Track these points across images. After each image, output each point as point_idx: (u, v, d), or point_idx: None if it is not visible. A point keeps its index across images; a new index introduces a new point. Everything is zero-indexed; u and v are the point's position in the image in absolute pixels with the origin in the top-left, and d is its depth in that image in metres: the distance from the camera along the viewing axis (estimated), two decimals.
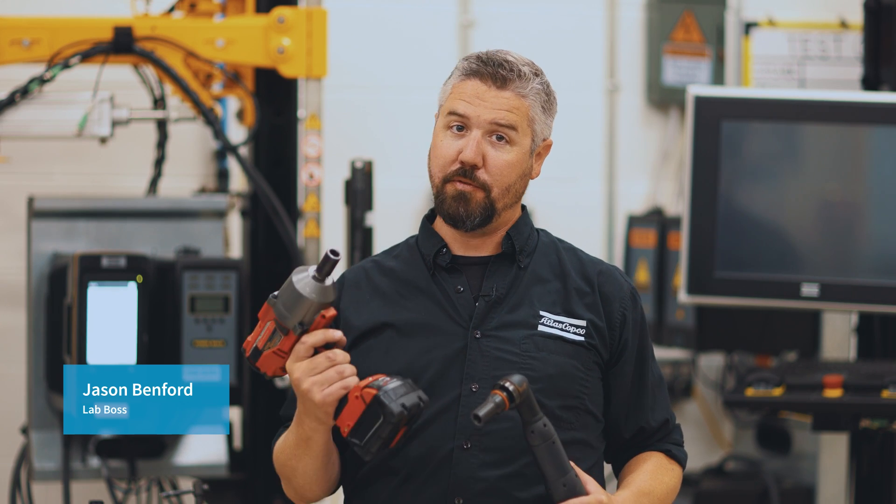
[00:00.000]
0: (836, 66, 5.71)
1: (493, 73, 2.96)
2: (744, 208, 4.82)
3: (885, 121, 4.76)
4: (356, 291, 3.06)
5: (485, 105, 2.96)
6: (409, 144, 5.83)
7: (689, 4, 5.97)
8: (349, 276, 3.10)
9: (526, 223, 3.07)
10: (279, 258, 4.66)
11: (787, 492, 5.66)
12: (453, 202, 2.97)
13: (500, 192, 2.97)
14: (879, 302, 4.77)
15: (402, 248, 3.13)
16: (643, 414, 3.06)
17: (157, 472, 4.58)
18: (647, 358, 3.07)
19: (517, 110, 2.96)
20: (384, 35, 5.82)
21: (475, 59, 3.00)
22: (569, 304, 3.00)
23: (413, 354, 2.96)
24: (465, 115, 2.96)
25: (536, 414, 2.85)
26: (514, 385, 2.82)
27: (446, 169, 2.97)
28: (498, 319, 2.98)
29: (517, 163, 2.98)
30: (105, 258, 4.31)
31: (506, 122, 2.95)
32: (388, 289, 3.04)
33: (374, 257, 3.15)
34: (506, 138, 2.96)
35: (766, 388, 4.64)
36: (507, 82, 2.96)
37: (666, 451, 3.09)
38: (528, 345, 2.96)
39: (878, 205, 4.80)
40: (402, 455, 2.94)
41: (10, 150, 4.60)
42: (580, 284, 3.02)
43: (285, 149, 4.76)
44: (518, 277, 3.02)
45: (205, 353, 4.41)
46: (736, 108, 4.84)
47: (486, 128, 2.96)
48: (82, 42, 4.52)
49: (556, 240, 3.11)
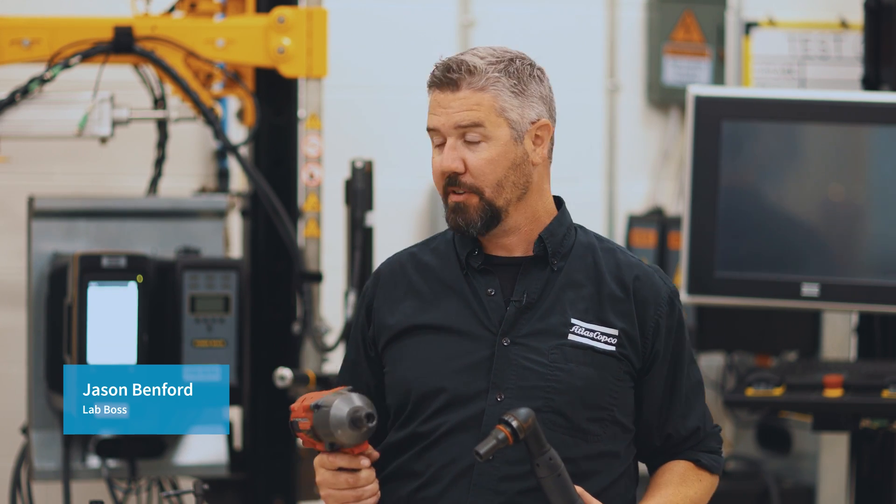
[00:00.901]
0: (836, 66, 5.70)
1: (443, 78, 2.92)
2: (744, 208, 4.82)
3: (886, 121, 4.75)
4: (392, 289, 3.03)
5: (446, 112, 2.92)
6: (410, 144, 5.83)
7: (689, 4, 5.97)
8: (385, 272, 3.07)
9: (562, 223, 3.00)
10: (279, 258, 4.67)
11: (788, 492, 5.66)
12: (452, 215, 2.94)
13: (494, 191, 2.92)
14: (880, 302, 4.76)
15: (441, 242, 3.06)
16: (672, 422, 2.99)
17: (158, 472, 4.58)
18: (683, 364, 2.99)
19: (478, 106, 2.90)
20: (384, 35, 5.82)
21: (433, 68, 2.95)
22: (602, 312, 2.94)
23: (441, 359, 2.94)
24: (434, 128, 2.94)
25: (543, 447, 2.80)
26: (518, 421, 2.78)
27: (440, 184, 2.95)
28: (528, 326, 2.93)
29: (498, 157, 2.91)
30: (105, 258, 4.31)
31: (467, 121, 2.90)
32: (422, 287, 3.00)
33: (411, 248, 3.09)
34: (478, 137, 2.91)
35: (767, 387, 4.64)
36: (458, 83, 2.91)
37: (695, 461, 3.01)
38: (556, 355, 2.91)
39: (878, 205, 4.80)
40: (425, 460, 2.93)
41: (11, 149, 4.60)
42: (615, 290, 2.95)
43: (285, 149, 4.75)
44: (551, 281, 2.95)
45: (205, 353, 4.41)
46: (736, 108, 4.84)
47: (454, 133, 2.92)
48: (82, 42, 4.52)
49: (594, 239, 3.03)
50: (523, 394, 2.90)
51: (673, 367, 2.98)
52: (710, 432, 3.04)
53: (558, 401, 2.89)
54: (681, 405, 2.99)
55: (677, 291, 3.02)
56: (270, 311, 4.70)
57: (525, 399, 2.89)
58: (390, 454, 2.99)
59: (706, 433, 3.03)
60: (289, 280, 4.66)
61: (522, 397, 2.90)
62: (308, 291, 4.61)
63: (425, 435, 2.94)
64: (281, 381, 4.48)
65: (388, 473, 2.98)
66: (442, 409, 2.92)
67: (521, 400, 2.89)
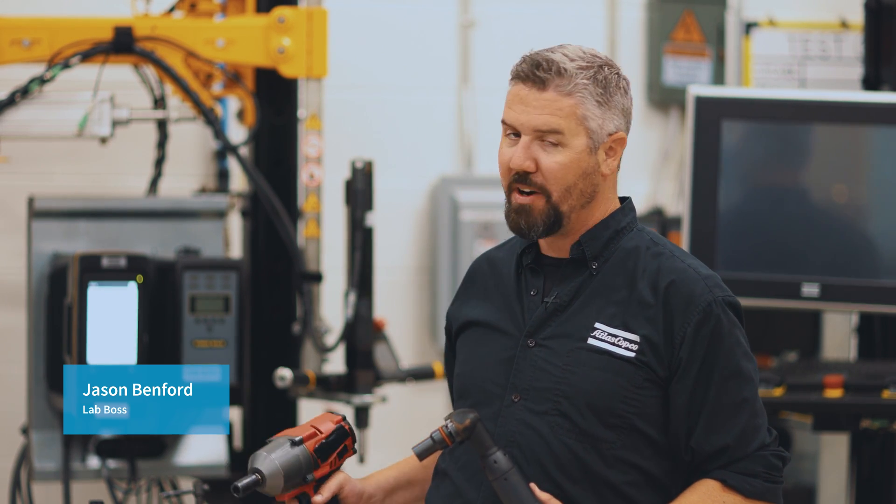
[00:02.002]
0: (836, 66, 5.70)
1: (531, 74, 2.86)
2: (744, 208, 4.82)
3: (886, 121, 4.75)
4: (470, 285, 3.08)
5: (527, 111, 2.87)
6: (410, 144, 5.83)
7: (689, 4, 5.96)
8: (473, 267, 3.11)
9: (608, 226, 2.95)
10: (279, 258, 4.66)
11: (788, 492, 5.60)
12: (515, 216, 2.90)
13: (561, 195, 2.88)
14: (880, 302, 4.76)
15: (516, 239, 3.04)
16: (696, 436, 2.86)
17: (158, 472, 4.58)
18: (714, 377, 2.86)
19: (560, 111, 2.85)
20: (384, 35, 5.82)
21: (521, 61, 2.90)
22: (629, 317, 2.87)
23: (480, 356, 2.96)
24: (511, 124, 2.89)
25: (488, 449, 2.81)
26: (454, 423, 2.81)
27: (507, 177, 2.91)
28: (553, 328, 2.91)
29: (572, 164, 2.87)
30: (105, 258, 4.31)
31: (547, 128, 2.86)
32: (487, 283, 3.03)
33: (501, 244, 3.10)
34: (555, 142, 2.87)
35: (767, 388, 4.64)
36: (545, 83, 2.86)
37: (722, 480, 2.86)
38: (572, 358, 2.88)
39: (878, 205, 4.79)
40: (451, 457, 2.95)
41: (11, 150, 4.60)
42: (646, 295, 2.88)
43: (285, 149, 4.75)
44: (585, 284, 2.92)
45: (205, 354, 4.41)
46: (736, 108, 4.84)
47: (531, 134, 2.87)
48: (82, 42, 4.52)
49: (648, 242, 2.96)
50: (537, 395, 2.89)
51: (701, 378, 2.86)
52: (750, 455, 2.89)
53: (565, 405, 2.87)
54: (707, 420, 2.86)
55: (728, 301, 2.92)
56: (270, 312, 4.70)
57: (538, 401, 2.89)
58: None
59: (741, 455, 2.88)
60: (289, 280, 4.66)
61: (536, 399, 2.89)
62: (308, 292, 4.60)
63: None
64: (281, 382, 4.48)
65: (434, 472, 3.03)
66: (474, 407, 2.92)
67: (535, 402, 2.89)
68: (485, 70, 5.87)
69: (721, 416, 2.86)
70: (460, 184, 5.75)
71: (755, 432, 2.90)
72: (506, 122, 2.90)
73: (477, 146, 5.88)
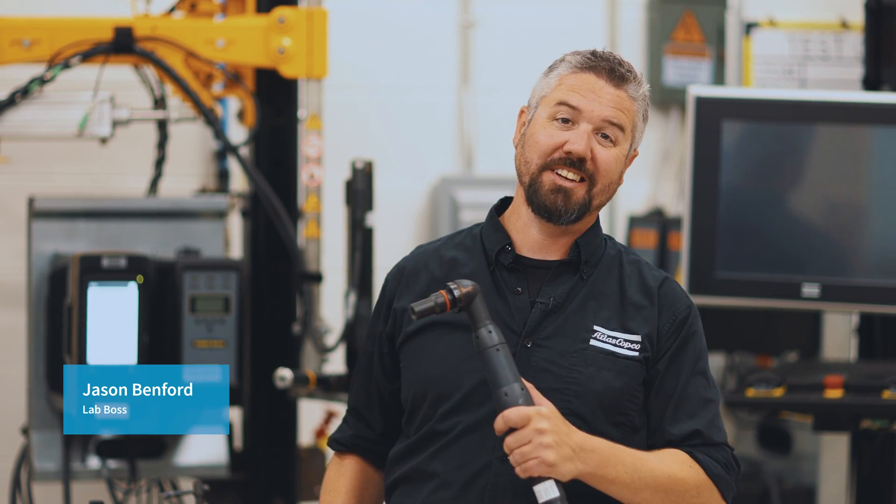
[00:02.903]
0: (836, 66, 5.70)
1: (611, 68, 2.92)
2: (744, 209, 4.82)
3: (886, 121, 4.75)
4: (414, 283, 3.01)
5: (599, 100, 2.91)
6: (410, 144, 5.83)
7: (689, 4, 5.96)
8: (408, 265, 3.05)
9: (597, 233, 3.01)
10: (279, 258, 4.66)
11: (788, 492, 5.66)
12: (551, 194, 2.91)
13: (602, 188, 2.93)
14: (880, 302, 4.76)
15: (466, 237, 3.04)
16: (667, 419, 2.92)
17: (158, 473, 4.58)
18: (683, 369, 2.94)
19: (627, 112, 2.93)
20: (384, 35, 5.82)
21: (588, 55, 2.94)
22: (625, 320, 2.93)
23: (461, 357, 2.91)
24: (577, 108, 2.90)
25: (479, 322, 2.80)
26: (459, 289, 2.80)
27: (547, 157, 2.91)
28: (550, 329, 2.91)
29: (617, 162, 2.94)
30: (105, 258, 4.30)
31: (617, 121, 2.91)
32: (443, 281, 2.94)
33: (435, 243, 3.08)
34: (611, 138, 2.92)
35: (767, 388, 4.64)
36: (624, 81, 2.93)
37: (690, 453, 2.91)
38: (576, 358, 2.90)
39: (878, 205, 4.79)
40: (440, 460, 2.92)
41: (11, 150, 4.60)
42: (638, 299, 2.95)
43: (286, 149, 4.75)
44: (576, 288, 2.95)
45: (205, 354, 4.41)
46: (737, 108, 4.84)
47: (596, 123, 2.91)
48: (82, 42, 4.51)
49: (622, 251, 3.04)
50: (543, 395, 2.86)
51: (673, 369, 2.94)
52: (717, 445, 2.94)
53: (576, 404, 2.88)
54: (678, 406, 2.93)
55: (697, 312, 3.01)
56: (271, 312, 4.70)
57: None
58: (405, 455, 2.98)
59: (710, 442, 2.93)
60: (289, 280, 4.66)
61: None
62: (308, 292, 4.60)
63: (442, 433, 2.92)
64: (281, 382, 4.48)
65: (402, 476, 2.97)
66: (459, 408, 2.91)
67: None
68: (485, 70, 5.87)
69: (692, 405, 2.93)
70: (460, 184, 5.75)
71: (719, 431, 2.96)
72: (570, 104, 2.91)
73: (477, 146, 5.88)
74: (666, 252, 5.66)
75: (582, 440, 2.79)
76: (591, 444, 2.80)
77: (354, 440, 3.09)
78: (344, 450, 3.10)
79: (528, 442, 2.74)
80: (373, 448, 3.08)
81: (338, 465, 3.10)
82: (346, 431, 3.10)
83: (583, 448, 2.79)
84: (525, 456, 2.74)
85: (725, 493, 2.92)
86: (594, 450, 2.80)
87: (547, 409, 2.77)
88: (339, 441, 3.10)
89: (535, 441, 2.74)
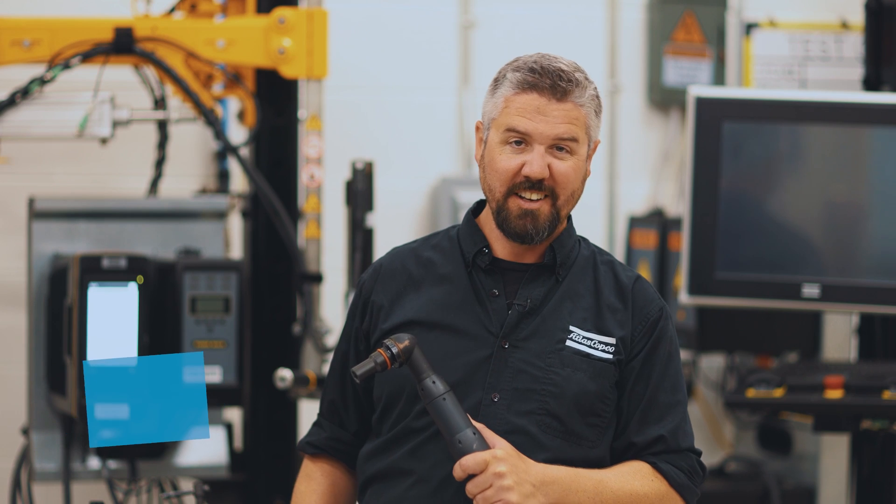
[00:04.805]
0: (837, 66, 5.70)
1: (553, 85, 2.92)
2: (745, 209, 4.82)
3: (886, 121, 4.75)
4: (391, 282, 3.05)
5: (546, 120, 2.92)
6: (410, 145, 5.83)
7: (689, 5, 5.97)
8: (385, 265, 3.09)
9: (570, 235, 3.04)
10: (280, 259, 4.66)
11: (788, 493, 5.66)
12: (519, 220, 2.94)
13: (566, 199, 2.95)
14: (880, 303, 4.76)
15: (443, 238, 3.08)
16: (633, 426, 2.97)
17: (158, 473, 4.58)
18: (653, 373, 2.98)
19: (577, 121, 2.94)
20: (385, 35, 5.82)
21: (528, 71, 2.93)
22: (600, 322, 2.97)
23: (438, 356, 2.94)
24: (526, 132, 2.93)
25: (422, 373, 2.86)
26: (397, 345, 2.85)
27: (509, 182, 2.94)
28: (528, 331, 2.95)
29: (577, 170, 2.95)
30: (106, 259, 4.30)
31: (568, 135, 2.93)
32: (422, 282, 3.02)
33: (411, 244, 3.11)
34: (566, 149, 2.93)
35: (767, 388, 4.64)
36: (566, 94, 2.93)
37: (652, 464, 2.97)
38: (553, 359, 2.93)
39: (878, 205, 4.79)
40: (417, 457, 2.94)
41: (11, 150, 4.60)
42: (613, 301, 2.99)
43: (286, 149, 4.75)
44: (552, 290, 2.99)
45: (205, 354, 4.41)
46: (737, 108, 4.84)
47: (548, 143, 2.93)
48: (83, 42, 4.52)
49: (595, 251, 3.07)
50: (518, 396, 2.92)
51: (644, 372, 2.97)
52: (681, 451, 2.99)
53: (553, 404, 2.92)
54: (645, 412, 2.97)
55: (669, 312, 3.04)
56: (271, 312, 4.70)
57: (520, 401, 2.92)
58: (379, 452, 2.99)
59: (673, 448, 2.98)
60: (289, 281, 4.66)
61: (519, 399, 2.92)
62: (308, 292, 4.60)
63: (418, 431, 2.94)
64: (281, 382, 4.48)
65: (377, 473, 2.99)
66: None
67: (518, 402, 2.92)
68: (485, 70, 5.87)
69: (658, 410, 2.97)
70: (461, 184, 5.75)
71: (685, 436, 3.00)
72: (517, 130, 2.93)
73: None
74: (666, 252, 5.66)
75: (542, 473, 2.85)
76: (551, 476, 2.86)
77: (329, 442, 3.11)
78: (317, 452, 3.12)
79: (489, 486, 2.81)
80: (347, 450, 3.10)
81: (307, 479, 3.11)
82: (319, 434, 3.13)
83: (543, 482, 2.85)
84: (488, 500, 2.81)
85: (689, 500, 2.98)
86: (555, 481, 2.86)
87: (502, 451, 2.83)
88: (312, 444, 3.13)
89: (496, 485, 2.80)
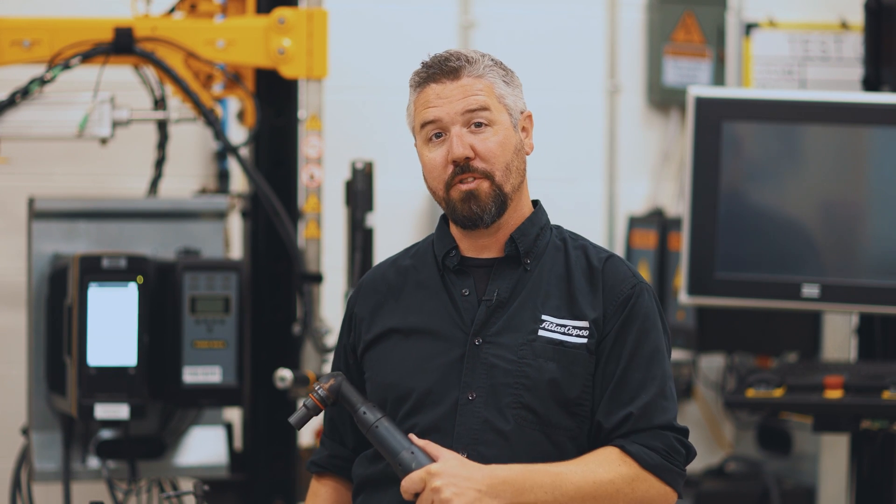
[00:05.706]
0: (836, 66, 5.70)
1: (442, 68, 2.98)
2: (744, 209, 4.82)
3: (886, 121, 4.75)
4: (371, 295, 3.07)
5: (449, 100, 2.96)
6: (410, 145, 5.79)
7: (689, 5, 5.96)
8: (366, 280, 3.11)
9: (534, 223, 3.01)
10: (280, 259, 4.66)
11: (788, 493, 5.66)
12: (463, 204, 2.94)
13: (503, 175, 2.94)
14: (880, 303, 4.76)
15: (421, 246, 3.10)
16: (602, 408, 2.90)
17: (158, 473, 4.58)
18: (624, 351, 2.91)
19: (481, 91, 2.95)
20: (385, 36, 5.82)
21: (421, 69, 3.03)
22: (573, 307, 2.94)
23: (415, 361, 2.95)
24: (436, 119, 2.97)
25: (355, 406, 2.92)
26: (323, 387, 2.93)
27: (443, 177, 2.96)
28: (498, 325, 2.94)
29: (504, 141, 2.95)
30: (105, 259, 4.31)
31: (475, 105, 2.94)
32: (400, 291, 3.04)
33: (393, 257, 3.13)
34: (484, 121, 2.94)
35: (767, 388, 4.64)
36: (458, 71, 2.96)
37: (620, 447, 2.88)
38: (525, 351, 2.92)
39: (878, 206, 4.80)
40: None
41: (11, 150, 4.60)
42: (584, 285, 2.96)
43: (286, 150, 4.75)
44: (522, 280, 2.97)
45: (205, 354, 4.41)
46: (737, 108, 4.84)
47: (461, 120, 2.94)
48: (83, 43, 4.52)
49: (568, 237, 3.03)
50: (494, 391, 2.91)
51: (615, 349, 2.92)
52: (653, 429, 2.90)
53: (526, 397, 2.90)
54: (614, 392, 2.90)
55: (647, 287, 2.97)
56: (271, 312, 4.70)
57: (496, 396, 2.91)
58: (371, 459, 3.00)
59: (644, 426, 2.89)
60: (289, 281, 4.66)
61: (493, 395, 2.91)
62: (308, 292, 4.61)
63: None
64: (281, 383, 4.48)
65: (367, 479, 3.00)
66: (415, 410, 2.94)
67: (493, 397, 2.91)
68: None
69: (630, 389, 2.91)
70: None
71: (662, 412, 2.91)
72: (429, 120, 2.98)
73: None
74: (666, 252, 5.66)
75: (489, 476, 2.82)
76: (500, 477, 2.83)
77: (331, 460, 3.12)
78: (321, 471, 3.14)
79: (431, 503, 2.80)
80: (348, 466, 3.10)
81: (313, 497, 3.13)
82: (322, 453, 3.15)
83: (491, 485, 2.81)
84: None
85: (668, 479, 2.89)
86: (506, 481, 2.83)
87: (438, 465, 2.81)
88: (317, 463, 3.15)
89: (436, 500, 2.79)
